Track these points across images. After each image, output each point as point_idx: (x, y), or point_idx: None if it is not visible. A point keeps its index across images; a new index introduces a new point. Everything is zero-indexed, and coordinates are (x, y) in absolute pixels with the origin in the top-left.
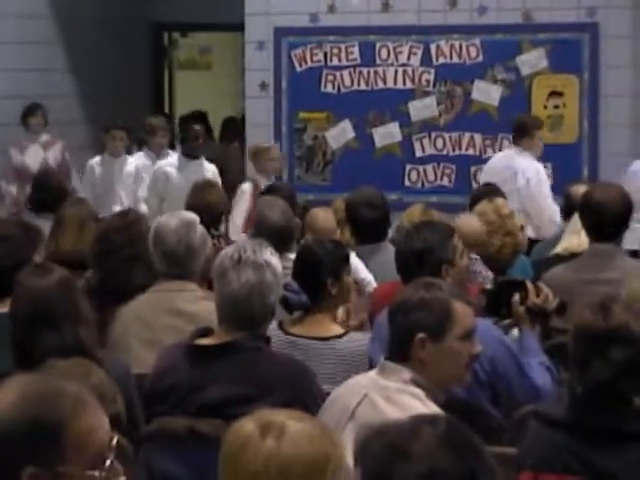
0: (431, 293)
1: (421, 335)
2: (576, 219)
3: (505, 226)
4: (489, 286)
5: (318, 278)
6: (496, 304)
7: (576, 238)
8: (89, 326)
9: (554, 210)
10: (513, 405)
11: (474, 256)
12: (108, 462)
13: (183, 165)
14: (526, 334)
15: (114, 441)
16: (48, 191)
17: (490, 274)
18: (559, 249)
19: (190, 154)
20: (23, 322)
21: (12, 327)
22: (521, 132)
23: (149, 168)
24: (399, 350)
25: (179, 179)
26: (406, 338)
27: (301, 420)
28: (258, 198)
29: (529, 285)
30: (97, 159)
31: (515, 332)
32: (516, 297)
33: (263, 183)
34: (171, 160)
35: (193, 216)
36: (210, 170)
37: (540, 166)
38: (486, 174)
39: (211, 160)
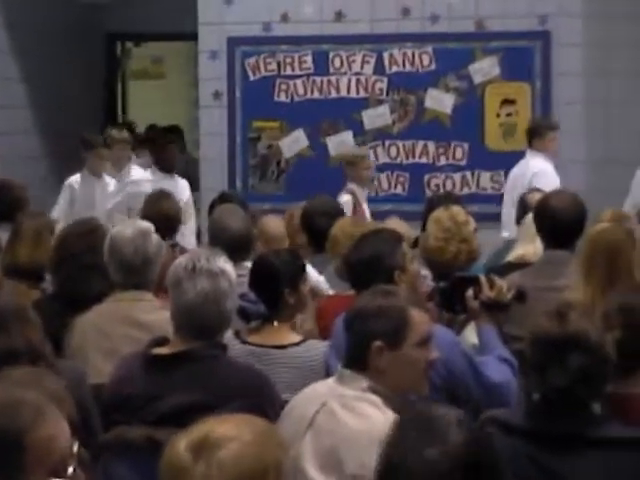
0: (388, 301)
1: (378, 343)
2: (529, 226)
3: (461, 233)
4: (442, 284)
5: (275, 288)
6: (450, 301)
7: (532, 247)
8: (38, 331)
9: None
10: (474, 406)
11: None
12: (70, 470)
13: (158, 179)
14: (483, 328)
15: (75, 448)
16: (5, 202)
17: (428, 272)
18: (512, 257)
19: (167, 169)
20: None
21: None
22: (532, 134)
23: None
24: (357, 358)
25: None
26: (363, 346)
27: (239, 431)
28: (216, 207)
29: (482, 279)
30: (76, 178)
31: (469, 337)
32: (469, 292)
33: (359, 192)
34: (144, 175)
35: (148, 225)
36: (184, 185)
37: (548, 166)
38: (508, 180)
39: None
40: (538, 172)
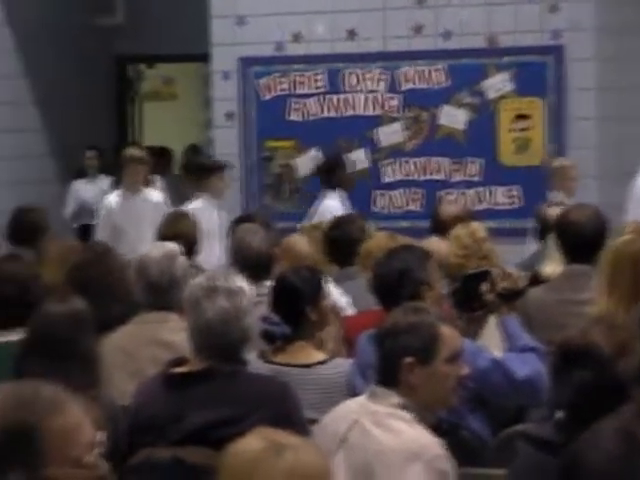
0: (418, 317)
1: (409, 359)
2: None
3: (480, 250)
4: (454, 285)
5: (297, 306)
6: (466, 299)
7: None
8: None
9: None
10: (505, 405)
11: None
12: (93, 458)
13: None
14: (505, 320)
15: (99, 438)
16: (25, 227)
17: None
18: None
19: None
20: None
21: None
22: None
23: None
24: (388, 375)
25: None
26: (394, 363)
27: (297, 437)
28: (236, 226)
29: (494, 271)
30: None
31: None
32: (484, 287)
33: (565, 201)
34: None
35: (175, 247)
36: None
37: None
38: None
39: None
40: None
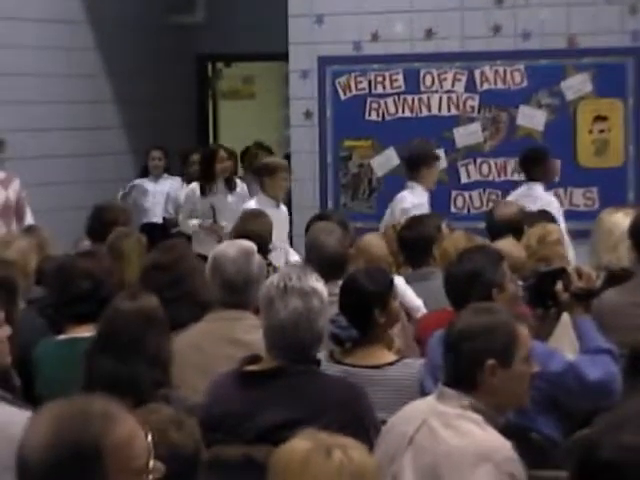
0: (494, 317)
1: (491, 361)
2: (608, 233)
3: (542, 251)
4: (530, 280)
5: (366, 311)
6: (540, 296)
7: (615, 255)
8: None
9: None
10: (577, 408)
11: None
12: (151, 464)
13: None
14: (579, 321)
15: (149, 439)
16: (103, 224)
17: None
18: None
19: None
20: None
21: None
22: None
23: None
24: (466, 377)
25: None
26: (473, 365)
27: (346, 439)
28: (311, 225)
29: (570, 270)
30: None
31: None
32: (559, 285)
33: None
34: None
35: (251, 245)
36: None
37: None
38: None
39: None
40: None
